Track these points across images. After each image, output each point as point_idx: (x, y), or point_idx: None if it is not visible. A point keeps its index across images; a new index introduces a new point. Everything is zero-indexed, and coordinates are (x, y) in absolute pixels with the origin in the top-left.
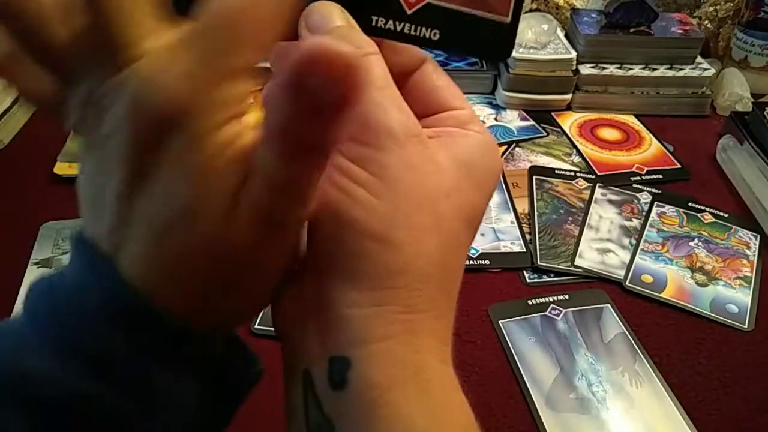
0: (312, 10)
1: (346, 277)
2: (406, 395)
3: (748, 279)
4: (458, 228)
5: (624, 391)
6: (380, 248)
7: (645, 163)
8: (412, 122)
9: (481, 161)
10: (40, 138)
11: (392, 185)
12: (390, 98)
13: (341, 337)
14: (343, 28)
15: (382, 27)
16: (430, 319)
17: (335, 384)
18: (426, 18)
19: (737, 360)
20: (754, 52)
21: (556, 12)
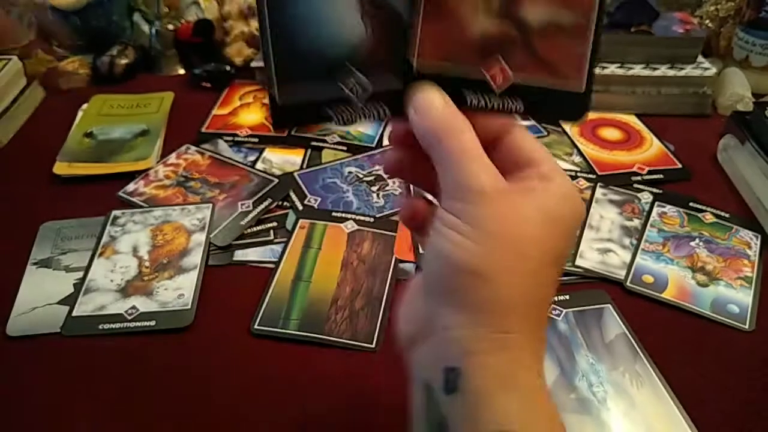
0: (418, 93)
1: (451, 303)
2: (501, 399)
3: (749, 279)
4: (544, 268)
5: (624, 391)
6: (474, 281)
7: (646, 163)
8: (500, 182)
9: (562, 210)
10: (39, 138)
11: (483, 232)
12: (481, 164)
13: (449, 350)
14: (444, 112)
15: (474, 103)
16: (521, 338)
17: (449, 390)
18: (512, 94)
19: (738, 360)
20: (756, 51)
21: None
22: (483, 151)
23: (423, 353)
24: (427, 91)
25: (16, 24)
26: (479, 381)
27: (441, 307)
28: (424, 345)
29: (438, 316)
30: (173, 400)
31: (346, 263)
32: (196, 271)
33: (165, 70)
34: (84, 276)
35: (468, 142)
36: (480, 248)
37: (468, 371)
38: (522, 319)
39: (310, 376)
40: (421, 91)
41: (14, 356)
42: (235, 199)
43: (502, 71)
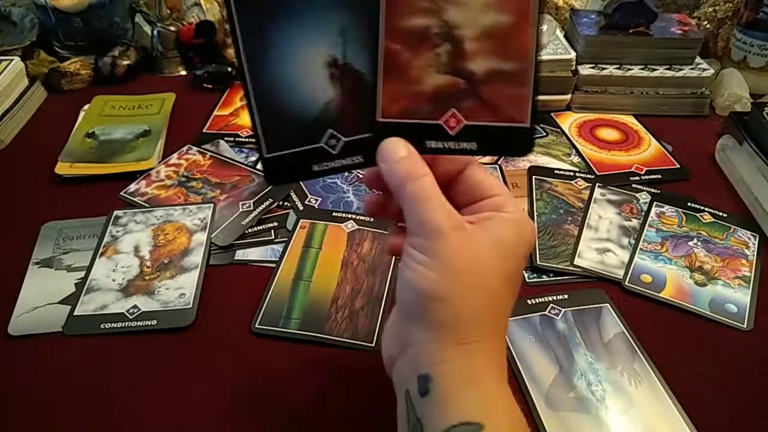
0: (383, 145)
1: (418, 322)
2: (465, 396)
3: (747, 279)
4: (498, 285)
5: (623, 390)
6: (438, 304)
7: (644, 163)
8: (455, 218)
9: (512, 236)
10: (41, 138)
11: (442, 262)
12: (437, 204)
13: (420, 361)
14: (406, 160)
15: (432, 147)
16: (481, 347)
17: (422, 393)
18: (465, 135)
19: (736, 359)
20: (753, 52)
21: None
22: (440, 193)
23: (401, 366)
24: (391, 142)
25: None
26: (446, 382)
27: (412, 327)
28: (402, 359)
29: (410, 335)
30: (174, 399)
31: (346, 263)
32: (197, 270)
33: (166, 71)
34: (85, 275)
35: (426, 186)
36: (439, 277)
37: (436, 375)
38: (481, 330)
39: (310, 376)
40: (386, 143)
41: (16, 356)
42: (236, 199)
43: (455, 117)
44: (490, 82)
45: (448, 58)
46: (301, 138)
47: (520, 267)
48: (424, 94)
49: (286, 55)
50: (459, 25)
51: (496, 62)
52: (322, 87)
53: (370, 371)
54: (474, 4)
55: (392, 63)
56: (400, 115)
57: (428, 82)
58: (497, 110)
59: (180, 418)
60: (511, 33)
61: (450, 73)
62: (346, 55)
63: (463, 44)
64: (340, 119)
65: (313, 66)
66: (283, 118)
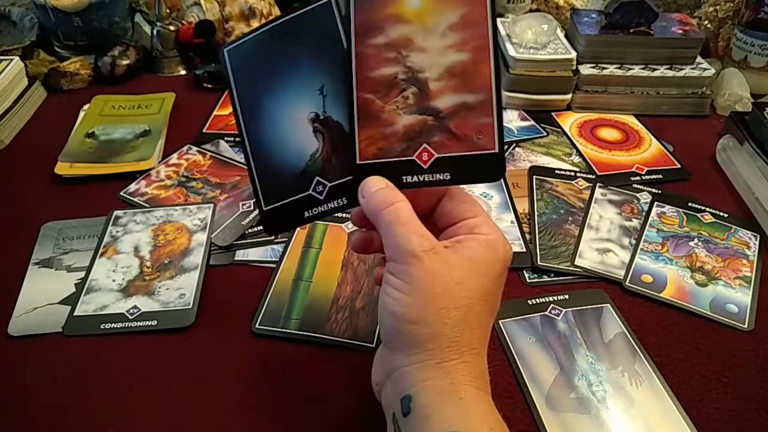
0: (363, 183)
1: (399, 348)
2: (445, 409)
3: (747, 279)
4: (472, 302)
5: (624, 390)
6: (415, 327)
7: (645, 163)
8: (427, 241)
9: (484, 254)
10: (41, 138)
11: (416, 286)
12: (411, 229)
13: (402, 384)
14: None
15: (409, 181)
16: (460, 363)
17: (405, 413)
18: (438, 167)
19: (737, 360)
20: (754, 52)
21: (556, 12)
22: (415, 218)
23: (387, 392)
24: (369, 179)
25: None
26: (426, 399)
27: (394, 354)
28: (387, 386)
29: (393, 362)
30: (174, 399)
31: (346, 263)
32: (197, 270)
33: (166, 71)
34: (85, 276)
35: (401, 212)
36: (414, 300)
37: (417, 394)
38: (459, 348)
39: (310, 376)
40: (366, 180)
41: (16, 356)
42: (236, 199)
43: (427, 152)
44: (456, 116)
45: (415, 99)
46: (293, 189)
47: (496, 285)
48: (397, 135)
49: (277, 118)
50: (422, 69)
51: (459, 97)
52: (308, 141)
53: (371, 371)
54: (434, 48)
55: (365, 110)
56: (377, 156)
57: (399, 123)
58: (465, 141)
59: (180, 418)
60: (472, 68)
61: (418, 113)
62: (326, 109)
63: (427, 85)
64: (325, 167)
65: (299, 124)
66: (278, 173)
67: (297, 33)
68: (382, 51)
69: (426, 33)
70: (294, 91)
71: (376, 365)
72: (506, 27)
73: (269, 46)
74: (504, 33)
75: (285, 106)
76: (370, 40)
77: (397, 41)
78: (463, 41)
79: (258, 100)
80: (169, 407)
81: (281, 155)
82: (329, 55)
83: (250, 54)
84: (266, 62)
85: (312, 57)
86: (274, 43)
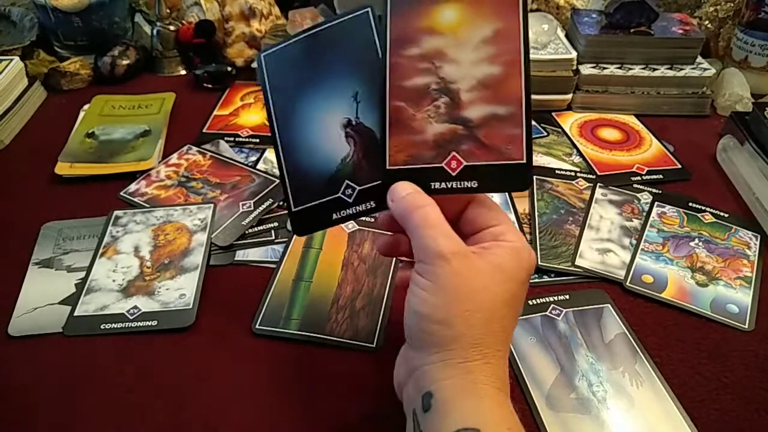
0: (392, 187)
1: (423, 346)
2: (464, 406)
3: (748, 279)
4: (497, 307)
5: (624, 391)
6: (439, 327)
7: (645, 163)
8: (456, 244)
9: (509, 261)
10: (41, 138)
11: (442, 287)
12: (440, 231)
13: (424, 381)
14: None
15: (437, 188)
16: (482, 364)
17: (425, 409)
18: (466, 175)
19: (737, 360)
20: (755, 52)
21: (557, 12)
22: (444, 221)
23: (409, 390)
24: (399, 184)
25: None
26: (446, 395)
27: (417, 352)
28: (409, 384)
29: (415, 360)
30: (174, 399)
31: (346, 263)
32: (197, 271)
33: (166, 71)
34: (86, 276)
35: (430, 215)
36: (440, 301)
37: (438, 391)
38: (481, 350)
39: (311, 376)
40: (395, 185)
41: (16, 356)
42: (236, 200)
43: (456, 160)
44: (486, 126)
45: (447, 109)
46: (323, 191)
47: (519, 291)
48: (427, 142)
49: (310, 123)
50: (454, 80)
51: (490, 108)
52: (340, 145)
53: (371, 371)
54: (467, 61)
55: (397, 118)
56: (406, 162)
57: (430, 132)
58: (494, 150)
59: (180, 418)
60: (503, 81)
61: (449, 122)
62: (359, 116)
63: (459, 96)
64: (355, 171)
65: (331, 129)
66: (308, 176)
67: (333, 41)
68: (416, 62)
69: (459, 46)
70: (328, 97)
71: (398, 366)
72: None
73: (305, 53)
74: None
75: (318, 111)
76: (405, 50)
77: (430, 53)
78: (495, 55)
79: (292, 104)
80: (169, 407)
81: (312, 158)
82: (364, 64)
83: (286, 60)
84: (302, 68)
85: (347, 65)
86: (310, 51)
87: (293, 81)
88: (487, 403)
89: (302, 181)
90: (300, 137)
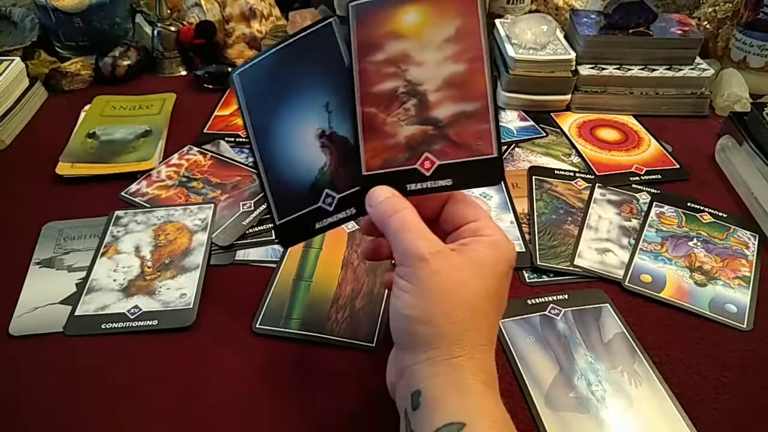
0: (369, 192)
1: (409, 347)
2: (451, 401)
3: (746, 279)
4: (479, 302)
5: (623, 390)
6: (424, 327)
7: (644, 164)
8: (434, 244)
9: (488, 255)
10: (42, 139)
11: (424, 288)
12: (418, 233)
13: (413, 380)
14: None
15: (413, 189)
16: (467, 359)
17: (414, 407)
18: (440, 174)
19: (736, 359)
20: (753, 52)
21: (556, 13)
22: (420, 222)
23: (400, 390)
24: (376, 189)
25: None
26: (435, 392)
27: (405, 354)
28: (400, 384)
29: (404, 361)
30: (175, 398)
31: (346, 263)
32: (198, 270)
33: (167, 72)
34: (86, 276)
35: (407, 218)
36: (422, 301)
37: (425, 389)
38: (466, 346)
39: (311, 375)
40: (372, 190)
41: (17, 356)
42: (236, 200)
43: (429, 160)
44: (456, 124)
45: (416, 110)
46: (304, 202)
47: (502, 284)
48: (399, 145)
49: (286, 136)
50: (421, 82)
51: (458, 106)
52: (316, 156)
53: (371, 371)
54: (432, 61)
55: (369, 124)
56: (382, 167)
57: (401, 134)
58: (465, 147)
59: (181, 418)
60: (468, 78)
61: (419, 123)
62: (332, 125)
63: (427, 97)
64: (333, 179)
65: (307, 140)
66: (289, 188)
67: (301, 54)
68: (382, 67)
69: (423, 47)
70: (301, 110)
71: (390, 367)
72: (506, 28)
73: (276, 68)
74: (503, 34)
75: (293, 124)
76: (371, 57)
77: (395, 57)
78: (459, 53)
79: (268, 119)
80: (169, 407)
81: (291, 171)
82: (333, 74)
83: (259, 76)
84: (274, 83)
85: (317, 76)
86: (280, 65)
87: (267, 96)
88: (473, 397)
89: (284, 194)
90: (278, 151)
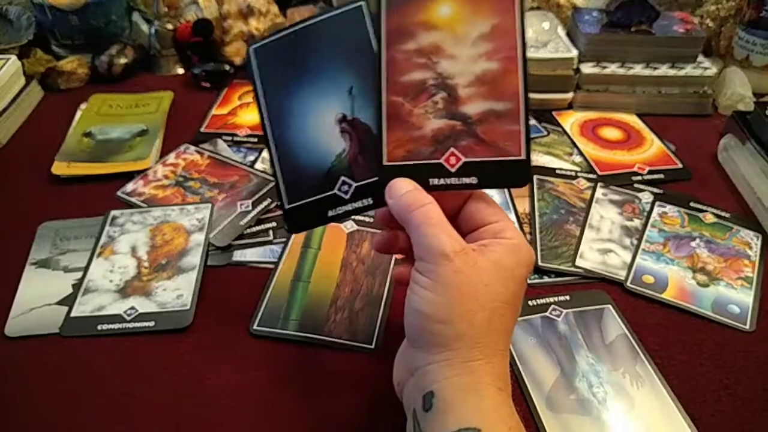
0: (390, 184)
1: (424, 346)
2: (466, 406)
3: (749, 279)
4: (498, 305)
5: (625, 392)
6: (442, 327)
7: (646, 163)
8: (458, 242)
9: (509, 258)
10: (38, 138)
11: (445, 285)
12: (441, 230)
13: (426, 380)
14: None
15: (436, 184)
16: (484, 363)
17: (426, 408)
18: (465, 171)
19: (739, 361)
20: (756, 51)
21: (558, 10)
22: (444, 219)
23: (409, 389)
24: (397, 181)
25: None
26: (447, 395)
27: (418, 352)
28: (409, 383)
29: (417, 359)
30: (172, 400)
31: (345, 264)
32: (195, 271)
33: (164, 70)
34: (83, 276)
35: (430, 213)
36: (441, 299)
37: (439, 390)
38: (482, 350)
39: (309, 377)
40: (394, 181)
41: (13, 357)
42: (234, 199)
43: (454, 156)
44: (485, 122)
45: (445, 104)
46: (317, 188)
47: (519, 289)
48: (425, 138)
49: (303, 118)
50: (452, 76)
51: (488, 104)
52: (335, 141)
53: (370, 372)
54: (464, 56)
55: (394, 113)
56: (404, 158)
57: (428, 127)
58: (493, 146)
59: (178, 420)
60: (501, 77)
61: (447, 117)
62: (354, 111)
63: (457, 91)
64: (351, 167)
65: (326, 124)
66: (301, 172)
67: (326, 35)
68: (413, 56)
69: (456, 41)
70: (322, 92)
71: (398, 364)
72: None
73: (297, 47)
74: None
75: (312, 106)
76: (401, 45)
77: (427, 48)
78: (493, 51)
79: (284, 99)
80: (166, 409)
81: (306, 154)
82: (359, 58)
83: (277, 53)
84: (294, 62)
85: (341, 59)
86: (302, 44)
87: (284, 75)
88: (488, 402)
89: (295, 178)
90: (293, 133)
